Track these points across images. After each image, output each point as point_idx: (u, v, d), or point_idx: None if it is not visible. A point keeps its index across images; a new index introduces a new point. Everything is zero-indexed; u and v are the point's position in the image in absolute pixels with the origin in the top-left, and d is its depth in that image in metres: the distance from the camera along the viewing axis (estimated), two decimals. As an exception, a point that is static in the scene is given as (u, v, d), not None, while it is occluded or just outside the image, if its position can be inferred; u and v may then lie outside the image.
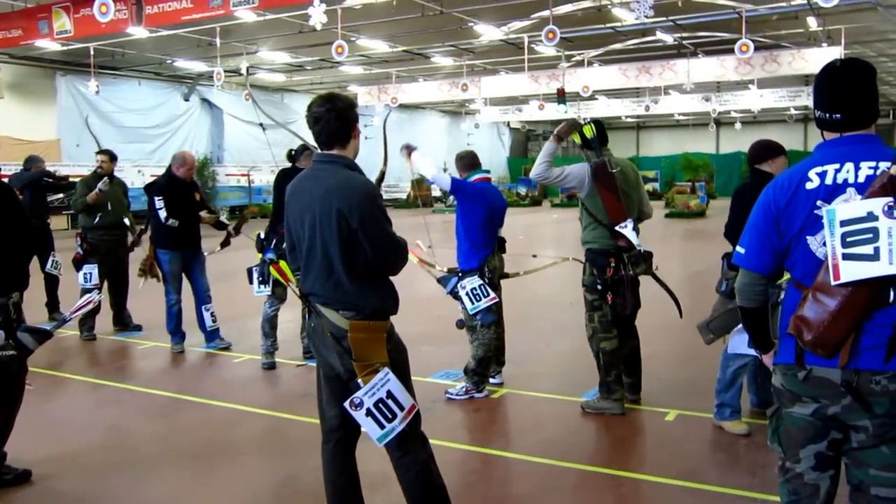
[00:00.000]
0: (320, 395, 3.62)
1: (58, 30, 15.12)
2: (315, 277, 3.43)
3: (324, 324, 3.40)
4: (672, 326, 6.18)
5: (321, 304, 3.42)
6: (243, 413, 5.98)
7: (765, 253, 2.69)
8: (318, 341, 3.47)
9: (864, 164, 2.55)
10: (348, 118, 3.45)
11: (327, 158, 3.48)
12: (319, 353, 3.51)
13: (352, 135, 3.49)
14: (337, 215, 3.30)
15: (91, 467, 4.90)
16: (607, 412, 5.65)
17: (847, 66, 2.65)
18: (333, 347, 3.36)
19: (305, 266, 3.48)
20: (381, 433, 3.31)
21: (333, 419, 3.55)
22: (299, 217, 3.46)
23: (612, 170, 5.44)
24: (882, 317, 2.47)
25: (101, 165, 8.52)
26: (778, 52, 22.32)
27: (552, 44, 16.96)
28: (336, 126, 3.43)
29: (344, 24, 16.42)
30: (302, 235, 3.46)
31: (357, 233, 3.30)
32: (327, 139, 3.46)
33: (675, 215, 27.17)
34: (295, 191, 3.55)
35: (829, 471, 2.68)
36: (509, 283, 6.50)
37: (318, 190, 3.39)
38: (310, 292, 3.48)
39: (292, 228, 3.55)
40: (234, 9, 13.45)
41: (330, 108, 3.41)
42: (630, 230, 5.41)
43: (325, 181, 3.40)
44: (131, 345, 8.31)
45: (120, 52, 22.80)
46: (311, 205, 3.39)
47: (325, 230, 3.34)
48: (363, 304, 3.39)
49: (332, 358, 3.40)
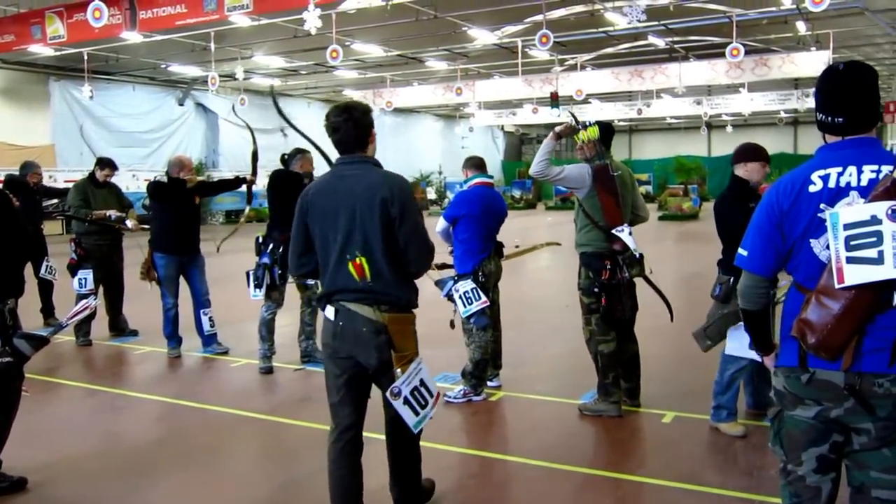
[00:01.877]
0: (333, 395, 3.75)
1: (51, 35, 15.09)
2: (351, 271, 3.56)
3: (357, 321, 3.56)
4: (667, 328, 6.18)
5: (353, 302, 3.59)
6: (241, 418, 5.96)
7: (768, 255, 2.70)
8: (349, 339, 3.61)
9: (866, 168, 2.56)
10: (365, 125, 3.67)
11: (355, 160, 3.68)
12: (344, 351, 3.64)
13: (368, 140, 3.70)
14: (381, 205, 3.51)
15: (88, 474, 4.88)
16: (605, 414, 5.66)
17: (849, 69, 2.65)
18: (371, 342, 3.55)
19: (339, 261, 3.61)
20: (417, 420, 3.61)
21: (346, 417, 3.73)
22: (332, 214, 3.60)
23: (613, 173, 5.46)
24: (885, 320, 2.48)
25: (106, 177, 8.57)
26: (768, 56, 22.48)
27: (546, 48, 17.02)
28: (354, 134, 3.65)
29: (338, 29, 16.42)
30: (334, 233, 3.60)
31: (395, 221, 3.52)
32: (347, 146, 3.67)
33: (668, 218, 27.24)
34: (324, 190, 3.69)
35: (830, 473, 2.69)
36: (505, 286, 6.50)
37: (356, 186, 3.58)
38: (340, 289, 3.63)
39: (318, 227, 3.66)
40: (229, 13, 13.46)
41: (347, 117, 3.62)
42: (627, 234, 5.43)
43: (363, 178, 3.61)
44: (127, 350, 8.29)
45: (114, 56, 22.78)
46: (349, 200, 3.57)
47: (367, 222, 3.53)
48: (399, 295, 3.62)
49: (368, 352, 3.58)
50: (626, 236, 5.42)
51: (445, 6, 17.54)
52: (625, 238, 5.41)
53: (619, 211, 5.45)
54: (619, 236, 5.43)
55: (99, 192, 8.55)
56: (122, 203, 8.78)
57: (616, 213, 5.44)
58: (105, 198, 8.56)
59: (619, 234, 5.42)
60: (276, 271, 6.97)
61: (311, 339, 7.38)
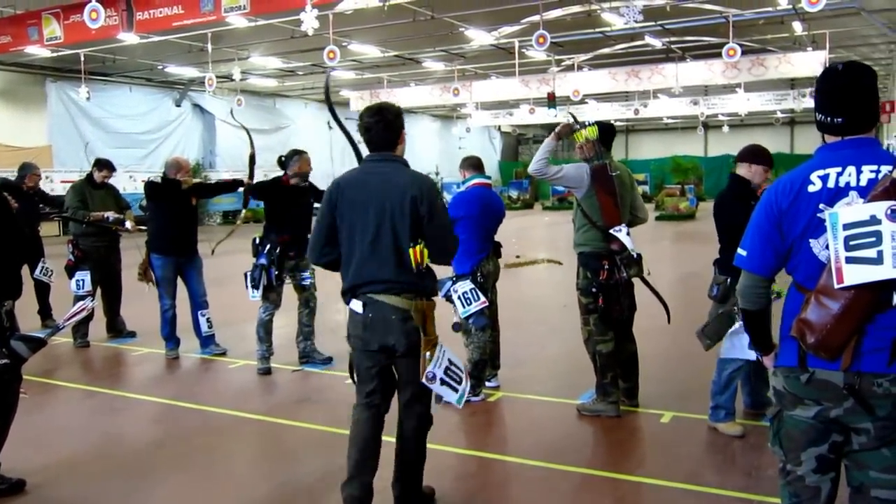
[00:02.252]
0: (367, 384, 3.97)
1: (48, 36, 15.05)
2: (380, 264, 3.81)
3: (386, 310, 3.80)
4: (665, 328, 6.19)
5: (381, 293, 3.81)
6: (239, 419, 5.96)
7: (767, 255, 2.70)
8: (379, 328, 3.82)
9: (865, 168, 2.57)
10: (395, 127, 3.94)
11: (386, 157, 3.95)
12: (375, 342, 3.85)
13: (398, 141, 3.97)
14: (411, 203, 3.76)
15: (86, 475, 4.88)
16: (603, 414, 5.67)
17: (848, 69, 2.66)
18: (400, 328, 3.80)
19: (368, 254, 3.83)
20: (458, 396, 3.91)
21: (376, 405, 3.98)
22: (361, 207, 3.84)
23: (612, 173, 5.46)
24: (885, 320, 2.49)
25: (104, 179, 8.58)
26: (764, 56, 22.51)
27: (542, 48, 17.06)
28: (384, 135, 3.92)
29: (335, 30, 16.42)
30: (362, 225, 3.83)
31: (424, 219, 3.78)
32: (378, 145, 3.94)
33: (665, 218, 27.22)
34: (354, 183, 3.93)
35: (829, 473, 2.69)
36: (503, 286, 6.50)
37: (387, 183, 3.83)
38: (368, 281, 3.85)
39: (346, 217, 3.88)
40: (226, 14, 13.43)
41: (379, 119, 3.90)
42: (624, 234, 5.43)
43: (392, 175, 3.87)
44: (125, 351, 8.28)
45: (111, 58, 22.77)
46: (379, 196, 3.81)
47: (396, 217, 3.78)
48: (423, 285, 3.87)
49: (396, 337, 3.81)
50: (623, 236, 5.42)
51: (442, 7, 17.55)
52: (622, 238, 5.42)
53: (616, 211, 5.45)
54: (616, 236, 5.43)
55: (97, 193, 8.55)
56: (119, 204, 8.77)
57: (614, 213, 5.44)
58: (103, 199, 8.56)
59: (617, 234, 5.43)
60: (272, 272, 6.97)
61: (309, 340, 7.38)
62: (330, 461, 5.03)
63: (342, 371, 7.08)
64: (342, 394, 6.54)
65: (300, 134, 34.41)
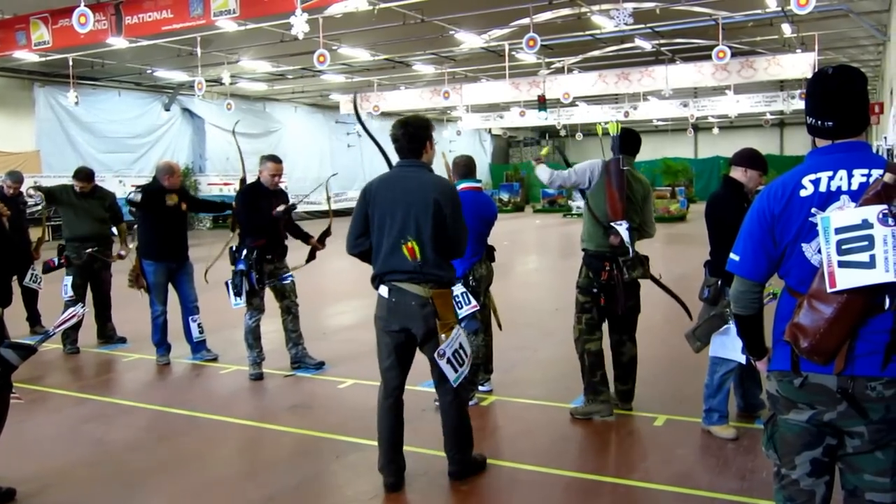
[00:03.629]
0: (384, 361, 4.54)
1: (36, 41, 14.99)
2: (405, 256, 4.28)
3: (407, 297, 4.33)
4: (658, 330, 6.21)
5: (404, 281, 4.34)
6: (230, 425, 5.94)
7: (760, 260, 2.70)
8: (401, 313, 4.37)
9: (856, 172, 2.57)
10: (420, 138, 4.47)
11: (413, 164, 4.48)
12: (396, 324, 4.40)
13: (423, 150, 4.50)
14: (434, 205, 4.28)
15: (77, 483, 4.86)
16: (596, 416, 5.67)
17: (839, 73, 2.65)
18: (419, 313, 4.33)
19: (393, 248, 4.34)
20: (456, 376, 4.40)
21: (393, 379, 4.53)
22: (391, 204, 4.36)
23: (623, 167, 5.49)
24: (877, 323, 2.49)
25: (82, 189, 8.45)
26: (754, 59, 22.58)
27: (533, 51, 17.04)
28: (410, 146, 4.47)
29: (325, 33, 16.38)
30: (391, 221, 4.34)
31: (446, 218, 4.28)
32: (405, 153, 4.50)
33: (656, 220, 26.96)
34: (386, 183, 4.46)
35: (824, 477, 2.69)
36: (496, 290, 6.49)
37: (414, 186, 4.36)
38: (393, 270, 4.37)
39: (378, 213, 4.39)
40: (215, 18, 13.39)
41: (404, 131, 4.45)
42: (624, 229, 5.44)
43: (418, 180, 4.39)
44: (116, 357, 8.24)
45: (99, 62, 22.64)
46: (407, 197, 4.33)
47: (420, 217, 4.29)
48: (441, 275, 4.38)
49: (416, 321, 4.34)
50: (623, 230, 5.43)
51: (432, 10, 17.52)
52: (621, 231, 5.43)
53: (621, 205, 5.46)
54: (616, 229, 5.44)
55: (82, 202, 8.44)
56: (114, 213, 8.70)
57: (618, 206, 5.46)
58: (90, 209, 8.45)
59: (618, 228, 5.44)
60: (252, 276, 6.94)
61: (300, 345, 7.36)
62: (322, 465, 5.03)
63: (334, 376, 7.10)
64: (334, 399, 6.53)
65: (290, 138, 34.39)
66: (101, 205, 8.61)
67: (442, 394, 4.55)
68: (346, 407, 6.29)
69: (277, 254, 7.15)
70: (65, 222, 8.52)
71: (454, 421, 4.56)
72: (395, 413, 4.57)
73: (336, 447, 5.35)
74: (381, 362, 4.59)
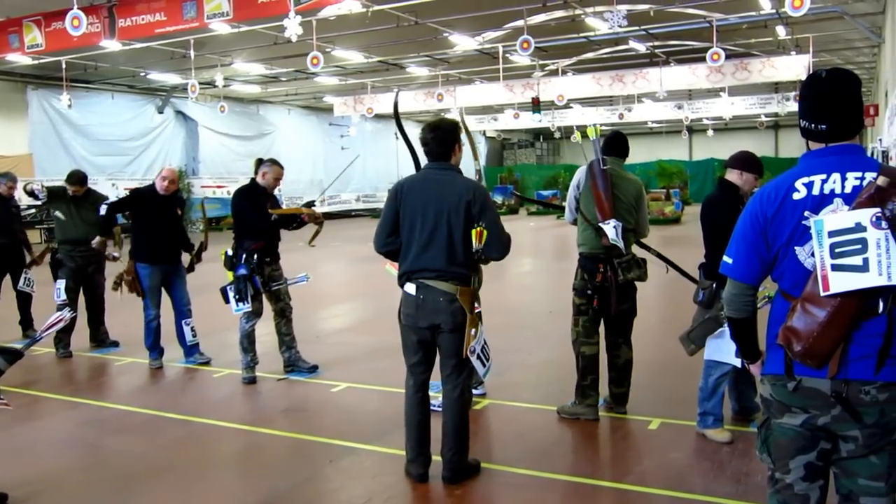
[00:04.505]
0: (411, 356, 4.67)
1: (29, 43, 14.96)
2: (435, 255, 4.45)
3: (436, 293, 4.44)
4: (652, 333, 6.20)
5: (432, 279, 4.45)
6: (224, 429, 5.91)
7: (753, 263, 2.69)
8: (429, 309, 4.47)
9: (850, 175, 2.56)
10: (448, 142, 4.59)
11: (443, 167, 4.60)
12: (424, 321, 4.50)
13: (452, 152, 4.62)
14: (466, 206, 4.41)
15: (69, 488, 4.82)
16: (582, 417, 5.68)
17: (832, 76, 2.65)
18: (447, 308, 4.44)
19: (424, 246, 4.46)
20: (485, 370, 4.66)
21: (421, 374, 4.68)
22: (421, 207, 4.48)
23: (602, 167, 5.52)
24: (871, 327, 2.49)
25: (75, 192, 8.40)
26: (748, 61, 22.64)
27: (526, 53, 17.07)
28: (438, 150, 4.59)
29: (319, 36, 16.38)
30: (422, 221, 4.46)
31: (476, 217, 4.40)
32: (434, 156, 4.62)
33: (651, 222, 26.51)
34: (417, 184, 4.60)
35: (818, 481, 2.68)
36: (489, 292, 6.47)
37: (445, 188, 4.48)
38: (422, 269, 4.48)
39: (408, 212, 4.51)
40: (209, 21, 13.38)
41: (434, 136, 4.57)
42: (611, 227, 5.43)
43: (448, 182, 4.52)
44: (109, 361, 8.20)
45: (92, 65, 22.61)
46: (438, 198, 4.45)
47: (452, 217, 4.41)
48: (468, 274, 4.50)
49: (444, 317, 4.45)
50: (610, 229, 5.43)
51: (426, 12, 17.52)
52: (608, 230, 5.42)
53: (608, 204, 5.48)
54: (605, 229, 5.44)
55: (74, 206, 8.37)
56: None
57: (604, 206, 5.48)
58: (83, 213, 8.38)
59: (604, 227, 5.44)
60: (256, 280, 6.92)
61: (293, 349, 7.33)
62: (315, 470, 5.00)
63: (328, 380, 7.08)
64: (328, 402, 6.50)
65: (284, 140, 34.36)
66: (95, 208, 8.53)
67: (449, 390, 4.62)
68: (340, 410, 6.27)
69: (274, 256, 7.14)
70: (57, 226, 8.48)
71: (457, 419, 4.60)
72: (423, 407, 4.69)
73: (330, 451, 5.33)
74: (407, 359, 4.70)
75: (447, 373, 4.62)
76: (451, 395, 4.62)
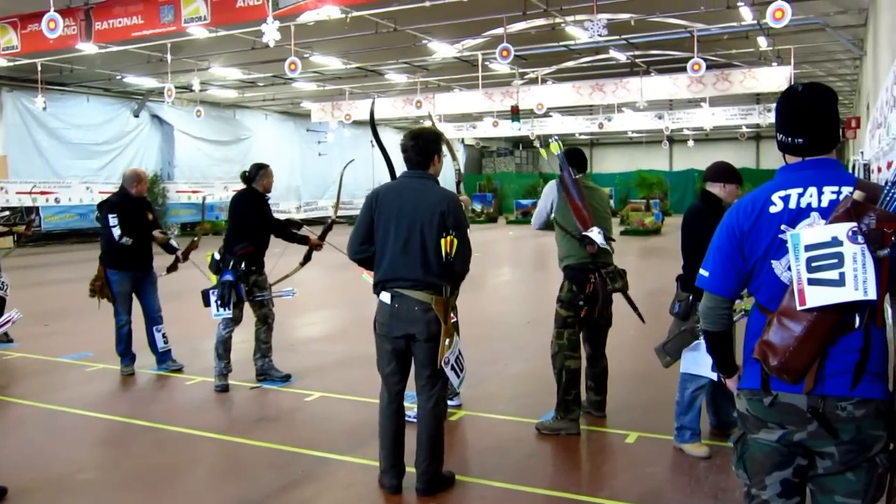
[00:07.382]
0: (384, 367, 4.63)
1: (4, 45, 14.79)
2: (410, 265, 4.43)
3: (411, 303, 4.42)
4: (632, 345, 6.17)
5: (408, 288, 4.43)
6: (196, 437, 5.82)
7: (729, 276, 2.67)
8: (403, 317, 4.45)
9: (826, 189, 2.55)
10: (428, 151, 4.58)
11: (419, 175, 4.60)
12: (399, 330, 4.47)
13: (431, 162, 4.61)
14: (440, 216, 4.40)
15: (36, 498, 4.71)
16: (563, 432, 5.62)
17: (809, 90, 2.64)
18: (421, 318, 4.42)
19: (398, 255, 4.44)
20: (459, 380, 4.65)
21: (395, 385, 4.64)
22: (396, 213, 4.46)
23: (573, 176, 5.54)
24: (847, 342, 2.46)
25: None
26: (729, 71, 22.74)
27: (506, 61, 17.07)
28: (418, 158, 4.58)
29: (297, 41, 16.30)
30: (396, 229, 4.44)
31: (450, 230, 4.37)
32: (412, 164, 4.61)
33: (630, 233, 27.22)
34: (393, 192, 4.59)
35: (794, 497, 2.64)
36: (465, 302, 6.43)
37: (419, 197, 4.47)
38: (397, 277, 4.46)
39: (383, 220, 4.49)
40: (186, 25, 13.28)
41: (413, 144, 4.57)
42: (597, 233, 5.44)
43: (424, 191, 4.51)
44: (79, 367, 8.07)
45: (68, 67, 22.41)
46: (414, 207, 4.44)
47: (426, 227, 4.39)
48: (441, 285, 4.46)
49: (418, 326, 4.43)
50: (595, 235, 5.44)
51: (405, 19, 17.49)
52: (594, 237, 5.44)
53: (587, 213, 5.49)
54: (591, 237, 5.43)
55: None
56: None
57: (583, 215, 5.49)
58: None
59: (590, 235, 5.43)
60: (241, 289, 6.85)
61: (267, 357, 7.26)
62: (287, 480, 4.93)
63: (301, 388, 7.00)
64: (301, 412, 6.43)
65: (260, 145, 34.16)
66: None
67: (423, 401, 4.59)
68: (314, 420, 6.20)
69: (260, 265, 7.09)
70: None
71: (431, 429, 4.57)
72: (398, 418, 4.66)
73: (302, 461, 5.25)
74: (381, 369, 4.67)
75: (422, 383, 4.58)
76: (426, 406, 4.58)
